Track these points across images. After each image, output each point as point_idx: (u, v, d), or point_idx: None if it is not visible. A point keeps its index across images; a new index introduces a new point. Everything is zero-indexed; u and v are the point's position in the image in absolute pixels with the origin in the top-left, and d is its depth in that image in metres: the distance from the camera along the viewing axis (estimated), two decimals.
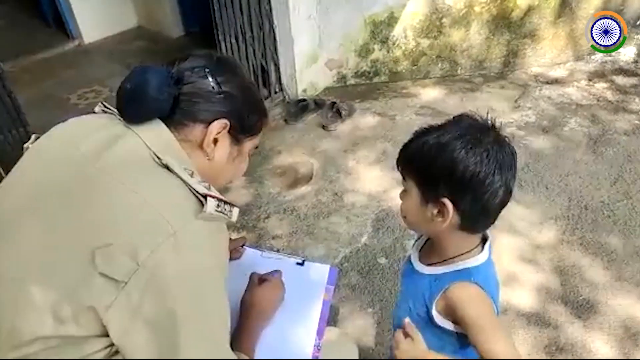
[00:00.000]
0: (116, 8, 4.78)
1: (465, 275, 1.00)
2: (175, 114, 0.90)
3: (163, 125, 0.90)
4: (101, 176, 0.83)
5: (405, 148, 1.02)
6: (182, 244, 0.78)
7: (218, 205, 0.83)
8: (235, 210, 0.89)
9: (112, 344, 0.80)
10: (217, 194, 0.85)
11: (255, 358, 1.08)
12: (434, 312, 1.03)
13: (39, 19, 4.93)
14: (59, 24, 4.71)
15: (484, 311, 0.97)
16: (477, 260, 1.02)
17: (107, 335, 0.79)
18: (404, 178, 1.02)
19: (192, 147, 0.93)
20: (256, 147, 1.07)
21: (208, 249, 0.84)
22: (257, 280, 1.23)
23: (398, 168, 1.05)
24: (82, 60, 4.36)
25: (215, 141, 0.94)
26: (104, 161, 0.85)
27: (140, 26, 4.99)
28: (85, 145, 0.88)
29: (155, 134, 0.89)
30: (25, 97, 3.10)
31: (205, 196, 0.82)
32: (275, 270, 1.28)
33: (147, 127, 0.89)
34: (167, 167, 0.85)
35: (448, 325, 1.03)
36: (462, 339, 1.02)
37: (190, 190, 0.84)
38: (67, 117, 1.01)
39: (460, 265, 1.02)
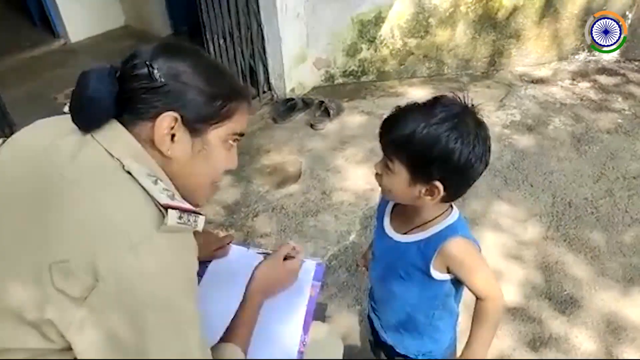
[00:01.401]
0: (103, 7, 4.75)
1: (451, 231, 1.11)
2: (126, 113, 0.85)
3: (122, 128, 0.85)
4: (63, 187, 0.80)
5: (390, 131, 1.07)
6: (144, 257, 0.74)
7: (180, 216, 0.79)
8: (201, 219, 0.84)
9: None
10: (180, 204, 0.81)
11: (249, 348, 1.09)
12: (432, 271, 1.13)
13: (25, 18, 4.89)
14: (45, 23, 4.68)
15: (475, 257, 1.13)
16: (453, 217, 1.14)
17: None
18: (389, 159, 1.07)
19: (152, 147, 0.86)
20: (242, 135, 0.97)
21: (171, 261, 0.79)
22: (282, 255, 1.23)
23: (382, 147, 1.09)
24: (69, 60, 4.34)
25: (173, 137, 0.86)
26: (69, 170, 0.82)
27: (128, 25, 4.97)
28: (53, 152, 0.85)
29: (115, 139, 0.84)
30: (11, 96, 3.08)
31: (166, 207, 0.78)
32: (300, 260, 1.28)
33: (106, 132, 0.85)
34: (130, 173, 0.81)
35: (445, 276, 1.15)
36: (455, 282, 1.18)
37: (152, 199, 0.79)
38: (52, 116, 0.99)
39: (442, 225, 1.12)
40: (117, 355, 0.75)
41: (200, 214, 0.84)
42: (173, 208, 0.78)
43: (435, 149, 0.99)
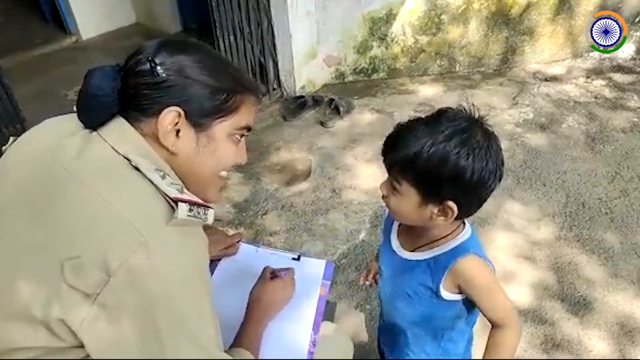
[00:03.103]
0: (114, 4, 4.77)
1: (462, 250, 1.05)
2: (130, 110, 0.86)
3: (128, 125, 0.86)
4: (71, 184, 0.80)
5: (394, 150, 1.00)
6: (154, 252, 0.74)
7: (190, 209, 0.79)
8: (211, 212, 0.84)
9: None
10: (190, 197, 0.81)
11: (259, 354, 1.08)
12: (442, 291, 1.07)
13: (37, 15, 4.92)
14: (57, 20, 4.71)
15: (488, 277, 1.06)
16: (466, 234, 1.08)
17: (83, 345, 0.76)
18: (395, 180, 1.01)
19: (157, 143, 0.86)
20: (249, 129, 0.96)
21: (182, 254, 0.79)
22: (269, 276, 1.23)
23: (387, 168, 1.03)
24: (80, 57, 4.36)
25: (178, 132, 0.86)
26: (76, 168, 0.82)
27: (138, 22, 4.99)
28: (60, 150, 0.85)
29: (121, 135, 0.85)
30: (22, 92, 3.09)
31: (176, 201, 0.78)
32: (287, 268, 1.27)
33: (111, 129, 0.86)
34: (138, 169, 0.81)
35: (456, 297, 1.09)
36: (467, 303, 1.11)
37: (161, 193, 0.79)
38: (63, 113, 0.99)
39: (454, 242, 1.06)
40: (129, 352, 0.75)
41: (210, 207, 0.84)
42: (183, 201, 0.78)
43: (445, 168, 0.92)
